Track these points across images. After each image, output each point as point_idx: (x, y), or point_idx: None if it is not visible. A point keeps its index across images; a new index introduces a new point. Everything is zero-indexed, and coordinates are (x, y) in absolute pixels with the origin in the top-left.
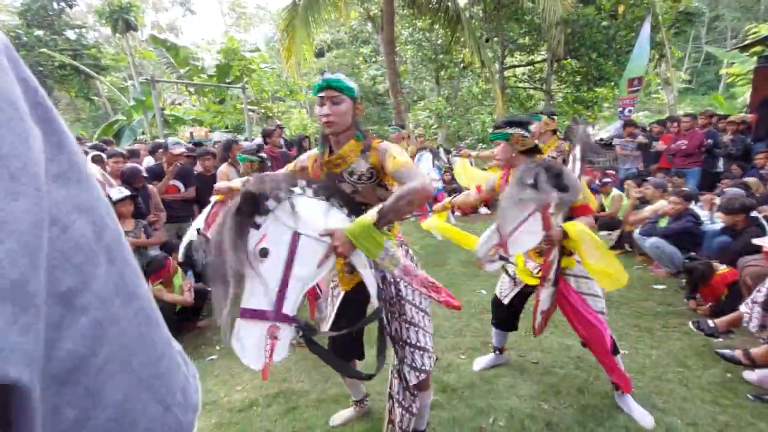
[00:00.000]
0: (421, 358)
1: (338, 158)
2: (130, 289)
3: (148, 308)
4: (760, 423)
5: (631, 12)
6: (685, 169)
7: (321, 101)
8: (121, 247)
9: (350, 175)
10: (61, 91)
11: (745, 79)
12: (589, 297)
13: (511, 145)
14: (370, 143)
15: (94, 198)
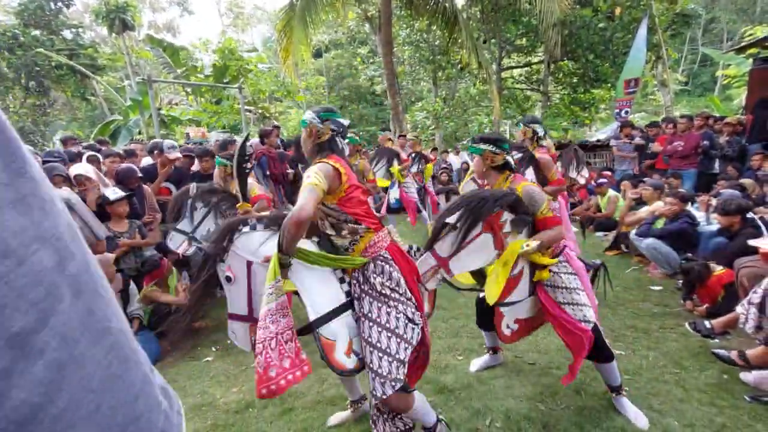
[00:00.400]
0: (373, 382)
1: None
2: (100, 324)
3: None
4: (757, 425)
5: (627, 14)
6: (682, 170)
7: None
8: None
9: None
10: (58, 91)
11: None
12: (567, 306)
13: (483, 160)
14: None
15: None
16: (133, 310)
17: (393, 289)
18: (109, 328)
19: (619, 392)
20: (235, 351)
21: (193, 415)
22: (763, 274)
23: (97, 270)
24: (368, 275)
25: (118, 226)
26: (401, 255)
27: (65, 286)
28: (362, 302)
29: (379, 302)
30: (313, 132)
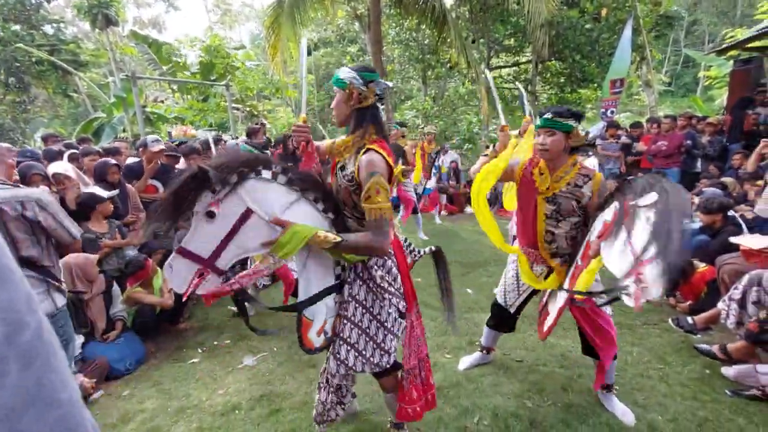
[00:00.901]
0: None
1: (341, 146)
2: (49, 396)
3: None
4: (738, 418)
5: (613, 15)
6: (665, 169)
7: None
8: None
9: (341, 170)
10: (39, 87)
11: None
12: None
13: (567, 139)
14: (363, 146)
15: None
16: (116, 312)
17: (390, 284)
18: (59, 399)
19: (610, 390)
20: (221, 352)
21: (178, 418)
22: (744, 270)
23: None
24: (370, 265)
25: (99, 226)
26: (399, 249)
27: (13, 358)
28: (354, 287)
29: (374, 294)
30: (354, 95)
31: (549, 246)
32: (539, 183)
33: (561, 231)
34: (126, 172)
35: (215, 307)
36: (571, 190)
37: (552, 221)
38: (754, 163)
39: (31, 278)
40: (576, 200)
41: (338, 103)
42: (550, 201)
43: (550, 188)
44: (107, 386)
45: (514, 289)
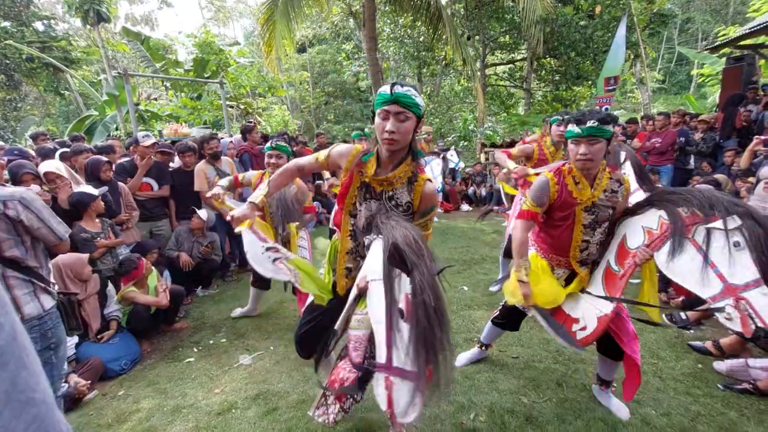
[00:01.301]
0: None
1: (385, 180)
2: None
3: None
4: (730, 412)
5: (607, 12)
6: (659, 166)
7: (385, 114)
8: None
9: (389, 200)
10: (30, 85)
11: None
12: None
13: (608, 145)
14: (418, 175)
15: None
16: (111, 312)
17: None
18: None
19: (608, 386)
20: (217, 352)
21: (174, 417)
22: None
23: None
24: None
25: (92, 225)
26: None
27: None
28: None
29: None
30: (419, 124)
31: (581, 254)
32: (577, 194)
33: (596, 239)
34: (118, 171)
35: (211, 307)
36: (608, 197)
37: (589, 230)
38: (747, 160)
39: (16, 279)
40: (612, 207)
41: (408, 130)
42: (589, 210)
43: (590, 198)
44: (102, 386)
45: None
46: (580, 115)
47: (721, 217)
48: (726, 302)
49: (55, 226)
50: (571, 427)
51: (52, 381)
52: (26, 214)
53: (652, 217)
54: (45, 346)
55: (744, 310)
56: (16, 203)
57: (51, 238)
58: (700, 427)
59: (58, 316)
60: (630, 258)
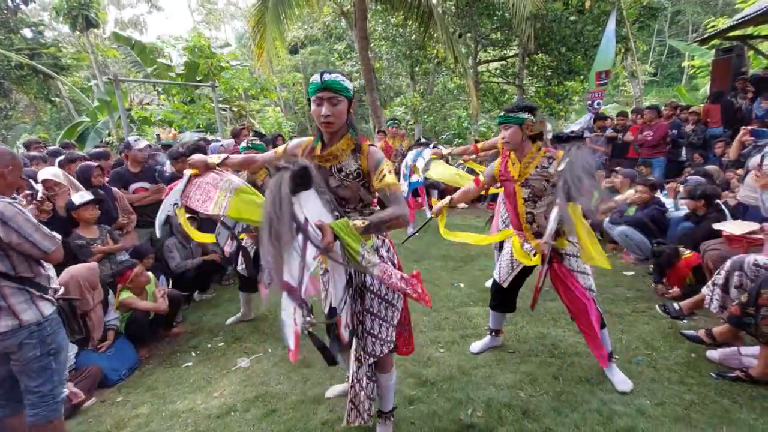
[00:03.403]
0: (373, 345)
1: (329, 154)
2: None
3: None
4: (723, 400)
5: (597, 7)
6: (651, 159)
7: (319, 101)
8: None
9: (339, 171)
10: (20, 92)
11: (706, 71)
12: (578, 274)
13: (522, 129)
14: (361, 144)
15: None
16: (109, 321)
17: (391, 260)
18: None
19: (611, 358)
20: (215, 355)
21: (173, 422)
22: (727, 256)
23: None
24: (376, 248)
25: (88, 232)
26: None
27: None
28: (367, 278)
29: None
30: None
31: (531, 226)
32: (513, 172)
33: (539, 211)
34: (113, 178)
35: (208, 311)
36: (540, 172)
37: (530, 203)
38: (736, 150)
39: (9, 288)
40: (546, 180)
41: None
42: (524, 185)
43: (522, 174)
44: (100, 393)
45: (507, 264)
46: (505, 107)
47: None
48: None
49: (37, 240)
50: (567, 420)
51: (52, 386)
52: (4, 230)
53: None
54: (44, 351)
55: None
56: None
57: (34, 252)
58: (694, 416)
59: (59, 322)
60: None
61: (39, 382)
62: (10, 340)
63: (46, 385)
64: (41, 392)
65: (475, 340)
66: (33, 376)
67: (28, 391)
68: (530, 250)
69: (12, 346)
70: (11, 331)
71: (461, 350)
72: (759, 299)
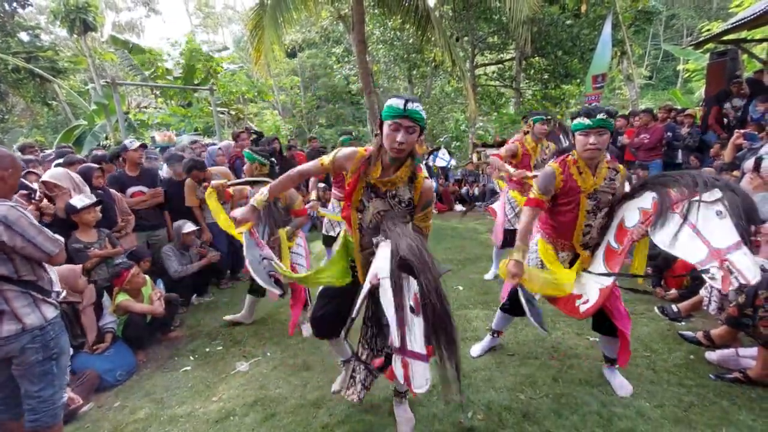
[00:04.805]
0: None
1: (389, 180)
2: None
3: None
4: (722, 401)
5: (593, 11)
6: (648, 162)
7: (396, 126)
8: None
9: (392, 198)
10: (16, 95)
11: (700, 74)
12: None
13: (611, 136)
14: (417, 174)
15: None
16: (106, 324)
17: None
18: None
19: (614, 363)
20: (213, 359)
21: (172, 427)
22: None
23: None
24: None
25: (87, 235)
26: None
27: None
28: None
29: None
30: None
31: (584, 238)
32: (581, 182)
33: (597, 223)
34: (110, 182)
35: (206, 314)
36: (608, 183)
37: (591, 215)
38: (731, 153)
39: (12, 292)
40: (611, 193)
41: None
42: (591, 197)
43: (592, 186)
44: (98, 398)
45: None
46: (589, 110)
47: (704, 191)
48: (711, 265)
49: (41, 242)
50: (567, 422)
51: (53, 391)
52: (8, 234)
53: (647, 199)
54: (46, 356)
55: (727, 270)
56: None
57: (38, 255)
58: (693, 417)
59: (62, 326)
60: (628, 235)
61: (40, 387)
62: (13, 345)
63: (47, 390)
64: (42, 397)
65: (474, 343)
66: (34, 380)
67: (29, 395)
68: (564, 259)
69: (14, 351)
70: (14, 336)
71: (461, 353)
72: (756, 300)
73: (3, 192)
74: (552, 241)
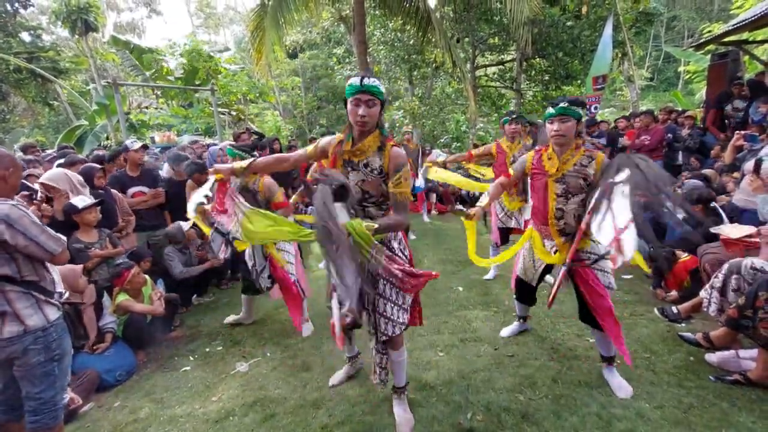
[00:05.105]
0: (386, 325)
1: (358, 150)
2: None
3: None
4: (722, 403)
5: (594, 12)
6: None
7: (357, 102)
8: None
9: (365, 167)
10: (18, 96)
11: (701, 75)
12: (599, 272)
13: (577, 125)
14: (385, 143)
15: None
16: (107, 324)
17: (402, 251)
18: None
19: (611, 363)
20: (213, 360)
21: (172, 427)
22: (724, 259)
23: None
24: (388, 240)
25: (88, 236)
26: None
27: None
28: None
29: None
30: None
31: (558, 222)
32: (548, 167)
33: (570, 208)
34: (111, 182)
35: (206, 314)
36: (578, 169)
37: (562, 199)
38: (731, 155)
39: (15, 293)
40: (583, 179)
41: (376, 113)
42: (560, 181)
43: (559, 170)
44: (98, 398)
45: (531, 266)
46: (554, 100)
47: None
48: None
49: (44, 241)
50: (567, 423)
51: (54, 393)
52: (11, 233)
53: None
54: (48, 358)
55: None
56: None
57: (41, 254)
58: (693, 419)
59: (64, 327)
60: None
61: (41, 389)
62: (15, 346)
63: (49, 391)
64: (43, 399)
65: (474, 344)
66: (36, 382)
67: (30, 397)
68: (551, 248)
69: (17, 352)
70: (17, 337)
71: (460, 354)
72: (756, 302)
73: (4, 192)
74: (537, 228)
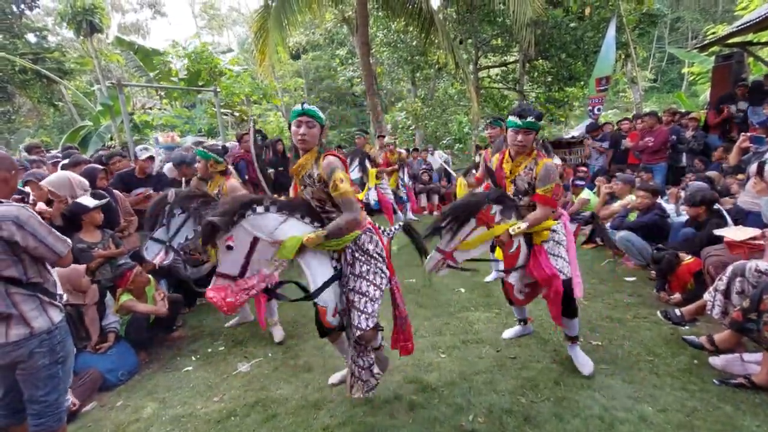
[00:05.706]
0: (359, 318)
1: (299, 166)
2: None
3: None
4: (726, 406)
5: (597, 13)
6: (652, 164)
7: (298, 123)
8: None
9: (309, 178)
10: (23, 96)
11: (705, 77)
12: (551, 257)
13: (535, 135)
14: (321, 156)
15: None
16: (109, 324)
17: (378, 253)
18: None
19: (575, 342)
20: (215, 360)
21: (174, 426)
22: (728, 262)
23: None
24: (362, 242)
25: (91, 236)
26: (377, 229)
27: None
28: (355, 265)
29: (368, 264)
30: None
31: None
32: (506, 169)
33: (523, 204)
34: (116, 181)
35: (208, 315)
36: (526, 173)
37: (517, 198)
38: (736, 156)
39: (20, 295)
40: (529, 182)
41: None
42: (513, 182)
43: (512, 172)
44: (100, 397)
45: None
46: (520, 110)
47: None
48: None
49: (52, 243)
50: (569, 426)
51: (58, 395)
52: (21, 234)
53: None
54: (53, 360)
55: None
56: (9, 224)
57: (49, 255)
58: (696, 422)
59: (67, 329)
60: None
61: (45, 391)
62: (22, 350)
63: (53, 394)
64: (47, 401)
65: (476, 346)
66: (39, 385)
67: (33, 400)
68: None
69: (23, 356)
70: (24, 340)
71: (462, 355)
72: (761, 305)
73: (4, 194)
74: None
